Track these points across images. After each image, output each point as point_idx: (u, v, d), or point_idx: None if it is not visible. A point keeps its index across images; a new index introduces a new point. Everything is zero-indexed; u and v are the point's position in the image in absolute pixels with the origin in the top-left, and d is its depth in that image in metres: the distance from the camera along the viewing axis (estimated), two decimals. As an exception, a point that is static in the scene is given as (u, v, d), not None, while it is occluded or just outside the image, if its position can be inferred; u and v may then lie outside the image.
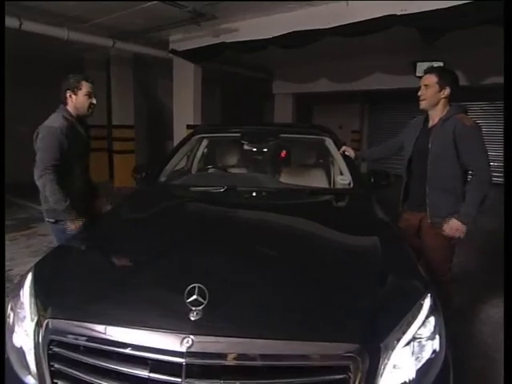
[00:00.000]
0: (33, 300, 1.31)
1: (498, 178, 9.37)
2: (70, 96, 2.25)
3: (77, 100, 2.26)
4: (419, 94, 2.24)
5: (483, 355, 2.34)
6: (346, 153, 2.61)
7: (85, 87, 2.26)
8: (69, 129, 2.21)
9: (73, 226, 2.21)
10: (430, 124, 2.25)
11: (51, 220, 2.29)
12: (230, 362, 1.07)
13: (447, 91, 2.16)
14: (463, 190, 2.16)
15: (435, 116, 2.22)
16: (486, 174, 2.08)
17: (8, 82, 2.40)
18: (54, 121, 2.21)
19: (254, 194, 2.26)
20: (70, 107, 2.29)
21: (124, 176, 6.71)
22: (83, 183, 2.37)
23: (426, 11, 3.82)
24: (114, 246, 1.64)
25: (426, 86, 2.20)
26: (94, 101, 2.32)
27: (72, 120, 2.27)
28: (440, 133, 2.15)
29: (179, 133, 6.23)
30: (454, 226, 2.13)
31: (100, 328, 1.13)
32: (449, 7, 3.65)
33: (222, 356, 1.07)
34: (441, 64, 6.46)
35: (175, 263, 1.43)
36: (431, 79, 2.18)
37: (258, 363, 1.07)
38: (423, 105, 2.24)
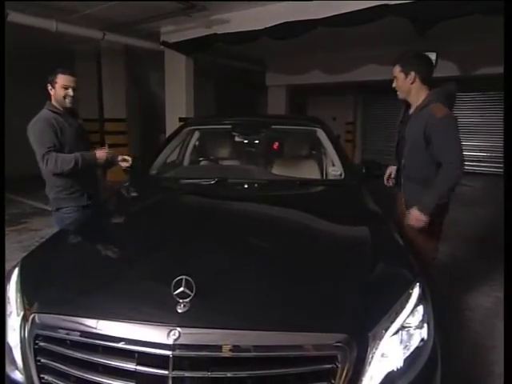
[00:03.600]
0: (19, 295, 1.29)
1: (490, 168, 9.40)
2: (51, 89, 2.34)
3: (55, 93, 2.33)
4: (393, 85, 2.26)
5: (472, 343, 2.37)
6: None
7: (60, 80, 2.30)
8: (56, 119, 2.29)
9: (101, 154, 2.36)
10: (411, 111, 2.24)
11: (54, 208, 2.42)
12: (216, 353, 1.06)
13: (412, 76, 2.13)
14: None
15: (413, 103, 2.21)
16: (455, 168, 2.01)
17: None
18: (40, 114, 2.32)
19: (246, 186, 2.24)
20: (53, 101, 2.37)
21: (117, 170, 6.65)
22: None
23: (418, 1, 3.80)
24: (101, 241, 1.62)
25: (395, 77, 2.22)
26: (71, 93, 2.33)
27: (58, 111, 2.34)
28: (414, 123, 2.15)
29: (172, 126, 6.18)
30: (414, 216, 2.08)
31: (86, 322, 1.12)
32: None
33: (209, 348, 1.06)
34: (433, 54, 6.45)
35: (163, 256, 1.42)
36: (396, 69, 2.19)
37: (245, 354, 1.07)
38: (399, 95, 2.26)
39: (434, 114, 2.04)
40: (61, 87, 2.30)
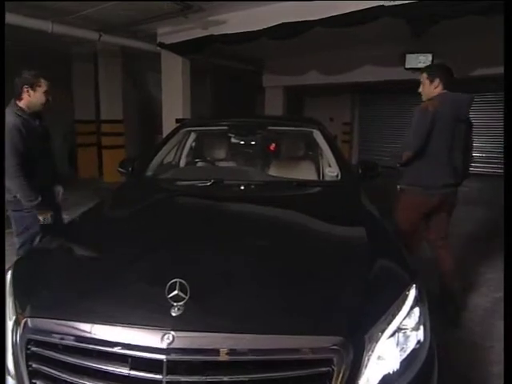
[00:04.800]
0: (11, 299, 1.28)
1: (487, 169, 9.42)
2: (28, 91, 2.32)
3: (34, 96, 2.34)
4: (419, 90, 2.68)
5: (470, 343, 2.36)
6: None
7: (44, 85, 2.36)
8: (23, 124, 2.29)
9: (42, 216, 2.40)
10: None
11: (17, 209, 2.41)
12: (211, 357, 1.05)
13: (437, 82, 2.55)
14: (420, 164, 2.54)
15: None
16: (405, 148, 2.57)
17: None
18: (8, 118, 2.26)
19: (242, 188, 2.23)
20: (23, 102, 2.35)
21: (114, 171, 6.60)
22: (47, 176, 2.52)
23: (414, 2, 3.81)
24: (95, 243, 1.60)
25: (421, 83, 2.64)
26: (50, 98, 2.42)
27: (24, 116, 2.34)
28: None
29: (169, 127, 6.14)
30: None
31: (79, 326, 1.11)
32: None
33: (204, 352, 1.05)
34: (429, 55, 6.50)
35: (158, 259, 1.41)
36: (423, 76, 2.62)
37: (240, 358, 1.06)
38: (423, 98, 2.65)
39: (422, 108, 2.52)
40: (43, 92, 2.35)
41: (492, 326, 2.54)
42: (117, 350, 1.06)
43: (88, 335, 1.09)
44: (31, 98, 2.33)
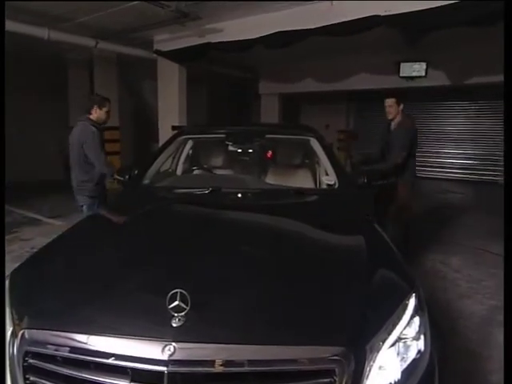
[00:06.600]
0: (8, 309, 1.25)
1: (481, 177, 9.46)
2: (96, 110, 3.27)
3: (100, 113, 3.31)
4: (387, 110, 3.74)
5: (466, 351, 2.36)
6: None
7: (107, 106, 3.34)
8: (98, 131, 3.23)
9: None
10: (392, 127, 3.80)
11: (82, 193, 3.35)
12: (212, 369, 1.04)
13: (402, 106, 3.71)
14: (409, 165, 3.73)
15: (395, 121, 3.75)
16: (398, 157, 3.60)
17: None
18: (89, 127, 3.18)
19: (239, 196, 2.23)
20: (92, 116, 3.26)
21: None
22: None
23: (409, 12, 3.86)
24: (93, 253, 1.58)
25: (390, 106, 3.70)
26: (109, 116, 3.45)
27: (96, 125, 3.23)
28: (396, 132, 3.72)
29: (165, 134, 6.17)
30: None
31: (78, 337, 1.09)
32: (432, 8, 3.71)
33: (205, 363, 1.04)
34: (424, 64, 6.59)
35: (158, 268, 1.39)
36: (392, 101, 3.69)
37: (242, 369, 1.05)
38: (389, 116, 3.77)
39: (402, 124, 3.69)
40: (106, 111, 3.32)
41: (489, 334, 2.54)
42: (117, 361, 1.05)
43: (88, 347, 1.07)
44: (98, 114, 3.27)
